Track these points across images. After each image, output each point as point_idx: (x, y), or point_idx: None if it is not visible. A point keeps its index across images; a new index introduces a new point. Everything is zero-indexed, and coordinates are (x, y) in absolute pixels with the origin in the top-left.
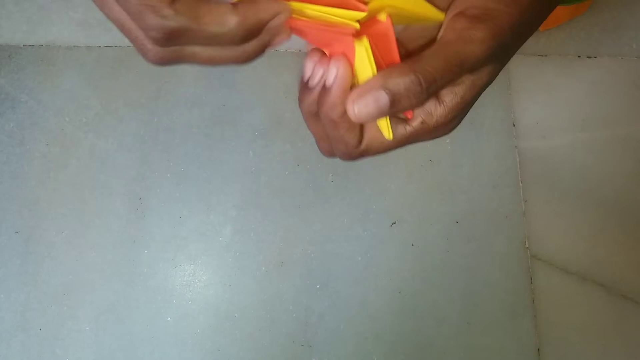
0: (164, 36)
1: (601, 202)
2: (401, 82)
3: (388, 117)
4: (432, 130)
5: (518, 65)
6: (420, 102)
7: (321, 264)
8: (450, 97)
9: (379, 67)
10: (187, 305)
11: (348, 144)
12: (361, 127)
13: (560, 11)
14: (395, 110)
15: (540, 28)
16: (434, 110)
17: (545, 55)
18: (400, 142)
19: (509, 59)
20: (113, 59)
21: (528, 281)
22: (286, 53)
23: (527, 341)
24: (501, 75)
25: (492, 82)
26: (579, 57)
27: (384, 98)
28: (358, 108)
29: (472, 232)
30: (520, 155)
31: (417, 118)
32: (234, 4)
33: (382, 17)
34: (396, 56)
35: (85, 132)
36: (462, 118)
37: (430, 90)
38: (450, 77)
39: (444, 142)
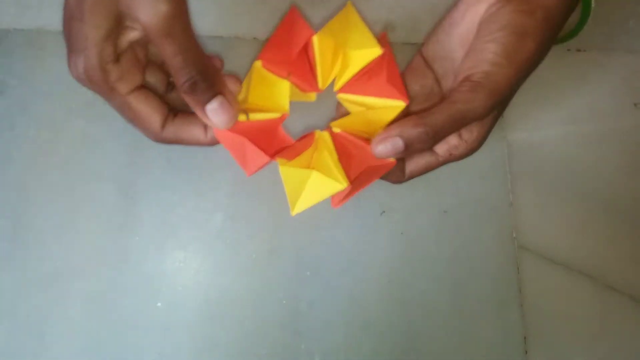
0: (158, 142)
1: (588, 194)
2: (414, 132)
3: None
4: (457, 158)
5: None
6: (428, 148)
7: (311, 252)
8: (468, 135)
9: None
10: (177, 291)
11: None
12: (404, 161)
13: None
14: (408, 153)
15: None
16: (458, 146)
17: None
18: (433, 168)
19: (511, 99)
20: None
21: (515, 271)
22: None
23: (514, 330)
24: None
25: (499, 117)
26: (569, 50)
27: (399, 143)
28: (379, 149)
29: (460, 222)
30: (508, 146)
31: (445, 151)
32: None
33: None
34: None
35: (76, 117)
36: (483, 143)
37: (436, 139)
38: (454, 129)
39: None
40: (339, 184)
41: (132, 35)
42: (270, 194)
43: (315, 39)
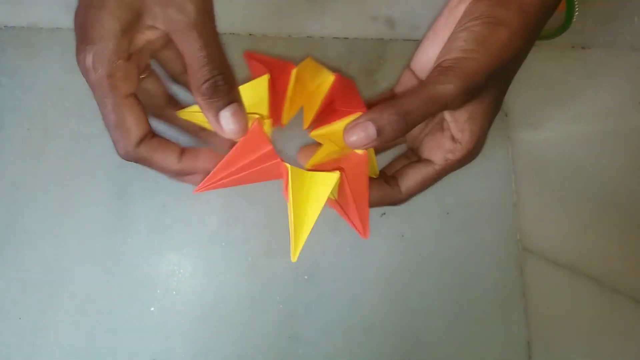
0: (126, 159)
1: (593, 195)
2: (384, 115)
3: (375, 159)
4: (456, 164)
5: None
6: (402, 132)
7: (309, 255)
8: (460, 135)
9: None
10: (172, 295)
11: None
12: (397, 181)
13: None
14: (383, 140)
15: None
16: (453, 149)
17: (538, 46)
18: (432, 180)
19: (499, 96)
20: None
21: (519, 273)
22: (267, 37)
23: (517, 334)
24: None
25: (493, 112)
26: (573, 47)
27: (371, 129)
28: (352, 139)
29: (462, 223)
30: (512, 146)
31: (441, 158)
32: (181, 151)
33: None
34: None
35: (68, 116)
36: (482, 144)
37: (409, 123)
38: (425, 111)
39: None
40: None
41: (149, 35)
42: (265, 196)
43: (293, 73)
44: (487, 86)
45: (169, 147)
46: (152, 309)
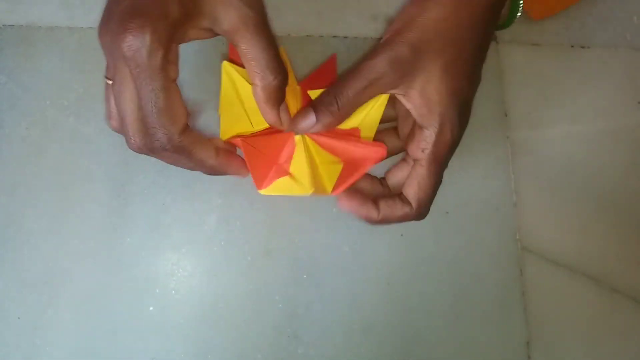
0: (160, 149)
1: (593, 195)
2: (322, 98)
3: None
4: (437, 152)
5: (510, 55)
6: (338, 114)
7: (308, 254)
8: (421, 119)
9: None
10: (171, 294)
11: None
12: (403, 196)
13: (553, 0)
14: (324, 124)
15: (535, 17)
16: (424, 137)
17: (538, 45)
18: (427, 179)
19: (452, 63)
20: (95, 41)
21: (518, 273)
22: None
23: (517, 333)
24: (493, 65)
25: (452, 87)
26: (572, 47)
27: (311, 114)
28: (299, 125)
29: (462, 223)
30: (511, 146)
31: (420, 154)
32: (216, 149)
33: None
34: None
35: (67, 115)
36: (452, 120)
37: (343, 103)
38: (356, 88)
39: None
40: (304, 190)
41: (199, 34)
42: (265, 196)
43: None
44: (423, 60)
45: (207, 141)
46: (152, 308)
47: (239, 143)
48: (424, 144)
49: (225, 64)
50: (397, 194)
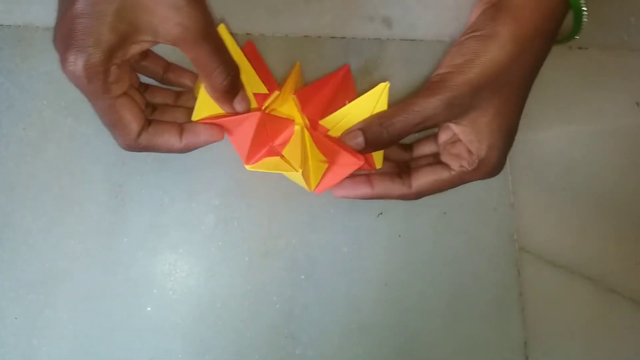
0: (128, 150)
1: (590, 196)
2: (372, 126)
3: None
4: (471, 173)
5: None
6: (385, 142)
7: (306, 255)
8: (477, 147)
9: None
10: (168, 295)
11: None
12: (410, 177)
13: None
14: (370, 147)
15: None
16: (469, 159)
17: None
18: (444, 183)
19: (509, 101)
20: None
21: (516, 274)
22: (264, 37)
23: (514, 334)
24: None
25: (506, 123)
26: (570, 48)
27: (360, 137)
28: (346, 140)
29: (459, 223)
30: None
31: (457, 165)
32: (180, 130)
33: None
34: None
35: (64, 115)
36: (499, 159)
37: (391, 134)
38: (406, 123)
39: None
40: (292, 169)
41: (143, 46)
42: (263, 195)
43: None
44: (480, 98)
45: (167, 129)
46: (149, 308)
47: (254, 117)
48: (465, 163)
49: None
50: (397, 173)
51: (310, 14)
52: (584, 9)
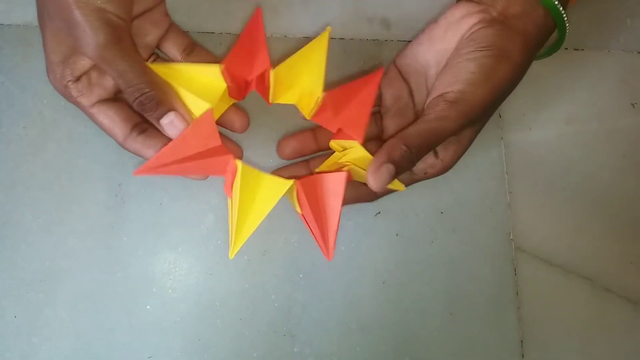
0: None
1: (586, 196)
2: (398, 153)
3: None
4: (431, 177)
5: None
6: (413, 165)
7: (304, 254)
8: (444, 154)
9: (314, 209)
10: (168, 293)
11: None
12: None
13: None
14: (399, 174)
15: None
16: (434, 164)
17: None
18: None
19: (487, 118)
20: None
21: (512, 273)
22: (271, 38)
23: (511, 332)
24: None
25: (476, 136)
26: (566, 49)
27: (391, 169)
28: (377, 181)
29: (456, 223)
30: (505, 146)
31: (421, 170)
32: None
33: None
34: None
35: (64, 115)
36: (455, 163)
37: (419, 156)
38: (432, 145)
39: None
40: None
41: (86, 62)
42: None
43: (272, 74)
44: (484, 115)
45: (159, 140)
46: (148, 307)
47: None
48: (430, 170)
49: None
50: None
51: (309, 15)
52: (566, 20)
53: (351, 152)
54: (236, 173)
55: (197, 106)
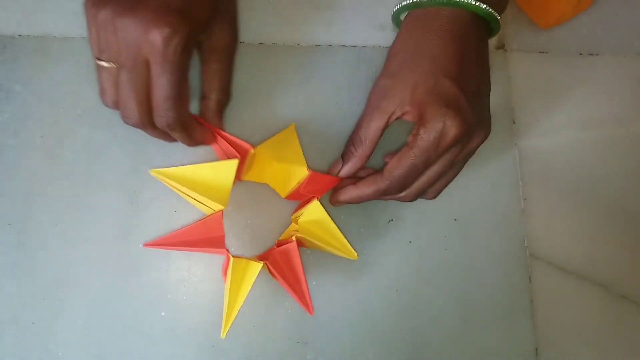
0: (171, 126)
1: (601, 202)
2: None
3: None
4: (425, 140)
5: (518, 63)
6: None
7: (317, 261)
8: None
9: (285, 278)
10: (182, 300)
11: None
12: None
13: (563, 8)
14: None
15: (544, 26)
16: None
17: (547, 52)
18: (409, 158)
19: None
20: None
21: (526, 280)
22: (276, 46)
23: (525, 341)
24: (501, 73)
25: (433, 84)
26: (581, 54)
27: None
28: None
29: (470, 230)
30: (520, 153)
31: (411, 139)
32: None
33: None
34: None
35: (80, 124)
36: (437, 112)
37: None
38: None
39: None
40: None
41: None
42: (275, 202)
43: (252, 152)
44: (400, 70)
45: (196, 122)
46: (163, 314)
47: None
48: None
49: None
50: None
51: (322, 23)
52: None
53: (306, 211)
54: (229, 263)
55: (211, 205)
